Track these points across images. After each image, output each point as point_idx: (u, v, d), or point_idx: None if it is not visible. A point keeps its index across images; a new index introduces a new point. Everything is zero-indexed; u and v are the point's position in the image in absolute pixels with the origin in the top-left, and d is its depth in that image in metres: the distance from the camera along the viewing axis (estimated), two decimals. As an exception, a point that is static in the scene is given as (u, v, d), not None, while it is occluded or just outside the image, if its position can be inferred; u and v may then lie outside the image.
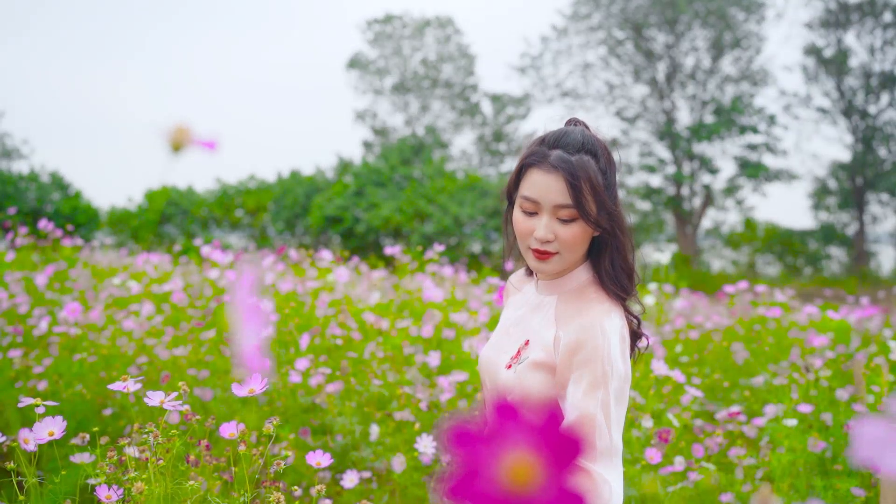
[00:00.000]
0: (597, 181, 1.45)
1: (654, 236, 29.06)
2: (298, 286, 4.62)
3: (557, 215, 1.46)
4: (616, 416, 1.39)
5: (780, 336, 5.11)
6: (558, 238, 1.47)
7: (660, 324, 5.33)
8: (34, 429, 1.63)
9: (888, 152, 26.78)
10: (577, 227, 1.46)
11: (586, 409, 1.36)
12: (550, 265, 1.51)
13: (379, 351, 3.58)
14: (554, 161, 1.45)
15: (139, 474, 1.68)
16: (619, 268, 1.51)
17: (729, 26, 26.92)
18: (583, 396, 1.37)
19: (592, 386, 1.37)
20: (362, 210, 24.36)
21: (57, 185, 25.31)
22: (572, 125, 1.55)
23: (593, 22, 28.43)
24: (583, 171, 1.43)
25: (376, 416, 3.34)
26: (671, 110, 28.36)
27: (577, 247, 1.49)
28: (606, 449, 1.37)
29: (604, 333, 1.40)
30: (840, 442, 2.77)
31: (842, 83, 26.87)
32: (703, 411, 4.02)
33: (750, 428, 3.14)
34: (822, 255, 27.99)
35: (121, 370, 3.77)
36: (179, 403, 1.85)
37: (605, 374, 1.38)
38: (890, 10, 25.84)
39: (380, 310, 4.42)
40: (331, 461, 2.02)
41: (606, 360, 1.38)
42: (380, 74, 32.08)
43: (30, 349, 4.26)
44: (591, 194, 1.44)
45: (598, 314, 1.45)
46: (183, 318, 4.25)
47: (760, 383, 3.75)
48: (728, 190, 27.72)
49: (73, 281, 5.15)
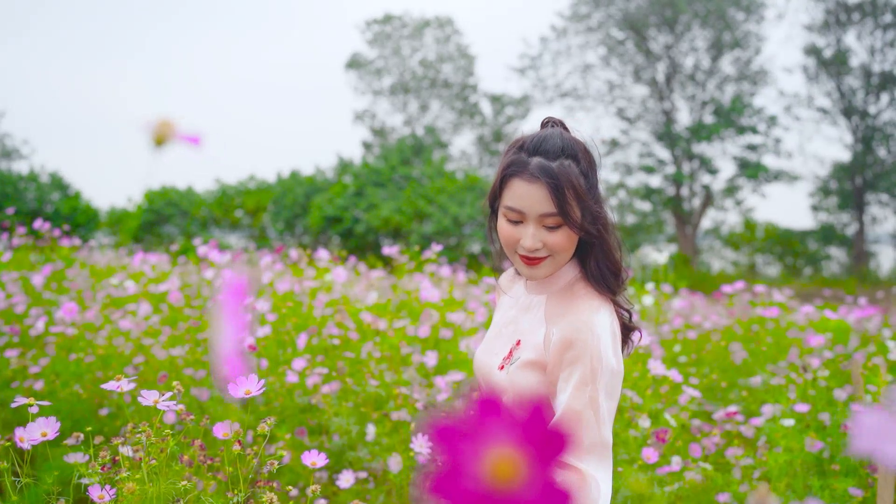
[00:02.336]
0: (579, 186, 1.44)
1: (654, 236, 29.06)
2: (296, 286, 4.61)
3: (543, 223, 1.47)
4: (607, 413, 1.40)
5: (779, 336, 5.10)
6: (546, 245, 1.48)
7: (658, 324, 5.33)
8: (27, 429, 1.62)
9: (888, 153, 26.78)
10: (564, 232, 1.47)
11: (575, 405, 1.37)
12: (542, 270, 1.52)
13: (376, 351, 3.57)
14: (535, 170, 1.45)
15: (132, 474, 1.67)
16: (604, 266, 1.51)
17: (728, 26, 26.92)
18: (572, 393, 1.38)
19: (582, 382, 1.38)
20: (362, 210, 24.35)
21: (56, 185, 25.30)
22: (549, 126, 1.54)
23: (593, 22, 28.43)
24: (565, 177, 1.43)
25: (373, 417, 3.33)
26: (671, 110, 28.36)
27: (567, 250, 1.50)
28: (595, 445, 1.37)
29: (592, 330, 1.41)
30: (837, 442, 2.77)
31: (842, 84, 26.87)
32: (701, 411, 4.01)
33: (747, 428, 3.14)
34: (822, 255, 27.99)
35: (118, 370, 3.77)
36: (174, 403, 1.85)
37: (595, 370, 1.38)
38: (890, 10, 25.83)
39: (377, 310, 4.42)
40: (326, 461, 2.02)
41: (596, 357, 1.39)
42: (379, 75, 32.08)
43: (26, 349, 4.26)
44: (574, 200, 1.45)
45: (587, 311, 1.45)
46: (180, 317, 4.24)
47: (758, 383, 3.74)
48: (728, 190, 27.73)
49: (71, 281, 5.14)
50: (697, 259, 27.49)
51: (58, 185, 25.31)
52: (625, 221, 28.90)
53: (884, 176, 26.55)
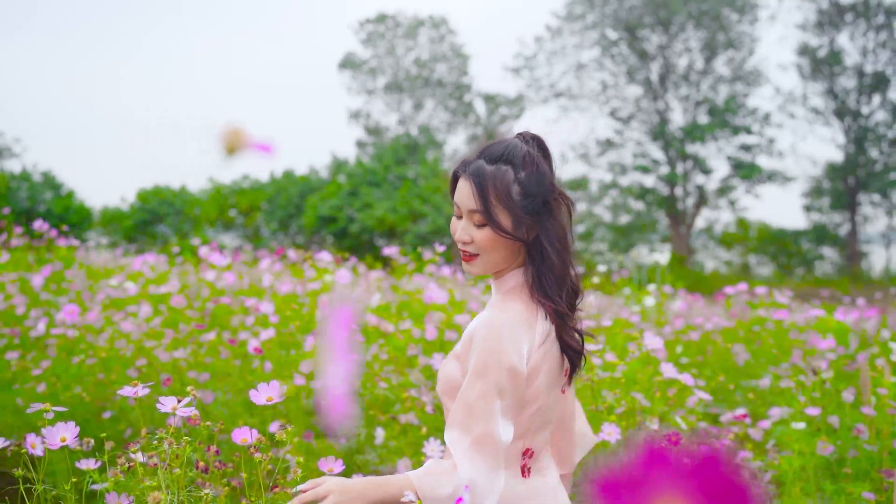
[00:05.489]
0: (504, 190, 1.51)
1: (648, 236, 29.13)
2: (298, 287, 4.58)
3: (472, 220, 1.55)
4: (499, 409, 1.45)
5: (780, 338, 5.10)
6: (474, 241, 1.56)
7: (660, 325, 5.32)
8: (46, 434, 1.59)
9: (880, 153, 26.91)
10: (489, 232, 1.53)
11: (467, 396, 1.46)
12: (473, 267, 1.59)
13: (382, 353, 3.55)
14: (470, 169, 1.55)
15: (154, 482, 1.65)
16: (544, 276, 1.54)
17: (722, 27, 27.00)
18: (465, 384, 1.47)
19: (474, 375, 1.46)
20: (356, 210, 24.32)
21: (49, 184, 25.17)
22: (521, 139, 1.60)
23: (587, 22, 28.46)
24: (492, 180, 1.51)
25: (380, 419, 3.31)
26: (665, 111, 28.42)
27: (493, 250, 1.55)
28: (483, 439, 1.43)
29: (490, 328, 1.49)
30: (847, 445, 2.76)
31: (835, 84, 26.98)
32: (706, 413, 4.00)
33: (755, 431, 3.12)
34: (815, 255, 28.11)
35: (120, 373, 3.73)
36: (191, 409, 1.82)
37: (487, 366, 1.45)
38: (882, 11, 25.95)
39: (380, 311, 4.39)
40: (343, 467, 2.00)
41: (489, 353, 1.46)
42: (373, 74, 32.02)
43: (26, 351, 4.22)
44: (500, 202, 1.51)
45: (497, 310, 1.53)
46: (182, 319, 4.20)
47: (766, 385, 3.74)
48: (721, 190, 27.81)
49: (69, 282, 5.10)
50: (691, 259, 27.55)
51: (50, 185, 25.18)
52: (618, 221, 28.95)
53: (876, 176, 26.69)
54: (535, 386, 1.51)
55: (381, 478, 1.45)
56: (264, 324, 3.91)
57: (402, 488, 1.40)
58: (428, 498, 1.39)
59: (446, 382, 1.56)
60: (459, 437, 1.44)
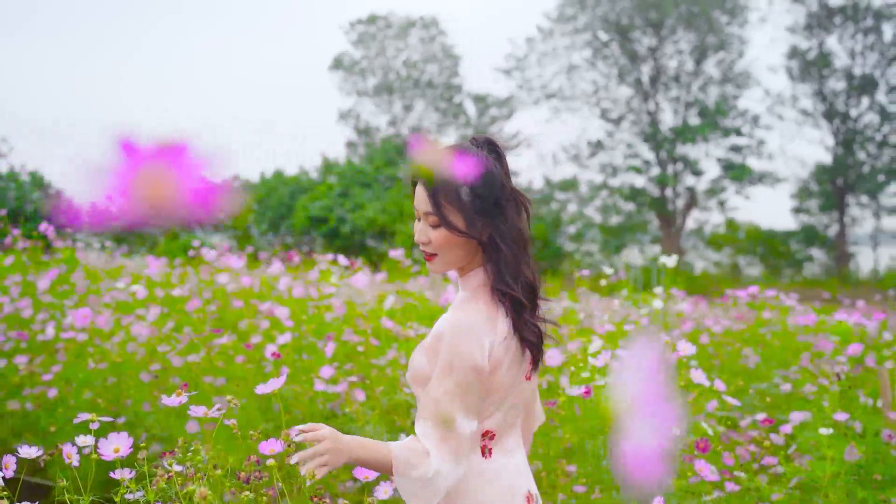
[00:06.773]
0: (453, 192, 1.60)
1: (638, 237, 29.20)
2: (312, 291, 4.54)
3: (428, 221, 1.65)
4: (463, 406, 1.55)
5: (788, 340, 5.10)
6: (431, 242, 1.65)
7: (668, 328, 5.30)
8: (100, 445, 1.56)
9: (868, 155, 27.12)
10: (443, 232, 1.63)
11: (433, 393, 1.57)
12: (434, 265, 1.69)
13: (401, 357, 3.52)
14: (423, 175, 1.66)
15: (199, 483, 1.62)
16: (502, 275, 1.63)
17: (713, 29, 27.12)
18: (432, 382, 1.58)
19: (440, 373, 1.57)
20: (347, 210, 24.26)
21: (37, 184, 24.92)
22: (473, 143, 1.68)
23: (579, 24, 28.52)
24: (442, 183, 1.61)
25: (396, 424, 3.28)
26: (655, 112, 28.52)
27: (449, 249, 1.64)
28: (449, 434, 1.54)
29: (454, 328, 1.59)
30: (874, 450, 2.75)
31: (824, 86, 27.17)
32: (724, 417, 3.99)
33: (777, 436, 3.11)
34: (804, 256, 28.28)
35: (132, 377, 3.69)
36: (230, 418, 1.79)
37: (451, 364, 1.56)
38: (871, 14, 26.15)
39: (391, 314, 4.36)
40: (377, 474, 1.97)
41: (452, 352, 1.57)
42: (363, 75, 31.95)
43: (34, 355, 4.15)
44: (450, 204, 1.61)
45: (459, 310, 1.64)
46: (194, 323, 4.15)
47: (787, 390, 3.73)
48: (711, 191, 27.92)
49: (73, 285, 5.03)
50: (681, 260, 27.64)
51: (38, 185, 24.93)
52: (609, 222, 29.01)
53: (864, 178, 26.90)
54: (497, 377, 1.62)
55: (368, 440, 1.59)
56: (280, 328, 3.87)
57: (383, 456, 1.55)
58: (400, 473, 1.53)
59: (415, 372, 1.66)
60: (427, 429, 1.57)
